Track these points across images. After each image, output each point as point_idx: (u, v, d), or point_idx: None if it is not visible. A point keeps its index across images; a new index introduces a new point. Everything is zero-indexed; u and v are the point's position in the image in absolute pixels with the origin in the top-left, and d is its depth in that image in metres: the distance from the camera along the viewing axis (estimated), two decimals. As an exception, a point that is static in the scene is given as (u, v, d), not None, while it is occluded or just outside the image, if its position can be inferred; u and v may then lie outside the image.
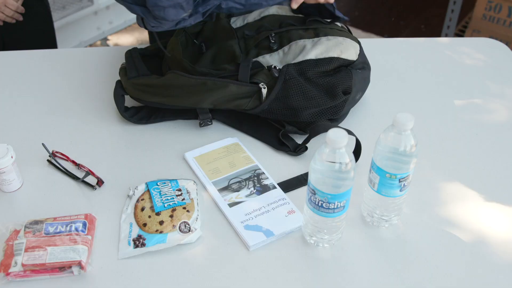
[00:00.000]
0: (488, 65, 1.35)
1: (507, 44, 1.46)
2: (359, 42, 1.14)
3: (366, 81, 1.15)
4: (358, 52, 1.11)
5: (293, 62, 1.07)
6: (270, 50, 1.10)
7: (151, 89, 1.07)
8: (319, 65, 1.07)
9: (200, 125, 1.11)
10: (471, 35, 2.71)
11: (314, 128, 1.05)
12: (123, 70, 1.12)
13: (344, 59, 1.08)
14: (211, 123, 1.11)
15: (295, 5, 1.09)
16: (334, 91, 1.06)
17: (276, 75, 1.05)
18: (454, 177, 1.03)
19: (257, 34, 1.14)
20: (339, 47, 1.09)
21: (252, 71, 1.06)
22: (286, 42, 1.10)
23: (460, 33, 2.89)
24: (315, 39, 1.10)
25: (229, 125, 1.13)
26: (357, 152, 1.03)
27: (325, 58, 1.07)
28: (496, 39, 1.48)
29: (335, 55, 1.08)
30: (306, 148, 1.06)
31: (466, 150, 1.09)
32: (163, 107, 1.10)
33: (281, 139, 1.08)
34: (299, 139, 1.08)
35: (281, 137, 1.08)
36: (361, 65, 1.12)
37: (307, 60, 1.07)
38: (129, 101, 1.13)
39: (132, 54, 1.15)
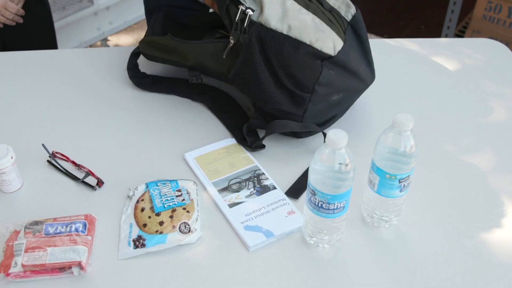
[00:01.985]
0: (488, 65, 1.35)
1: (507, 44, 1.46)
2: (346, 38, 1.03)
3: (350, 82, 1.05)
4: (339, 49, 0.99)
5: (264, 24, 0.99)
6: None
7: (154, 45, 1.17)
8: (284, 43, 0.98)
9: (190, 80, 1.17)
10: (471, 36, 2.71)
11: (271, 124, 1.04)
12: (147, 34, 1.25)
13: (315, 49, 0.98)
14: (201, 80, 1.16)
15: None
16: (289, 84, 1.00)
17: (241, 40, 1.01)
18: (454, 177, 1.03)
19: None
20: (318, 34, 0.98)
21: (228, 3, 1.03)
22: None
23: (460, 34, 2.90)
24: (303, 10, 1.01)
25: (209, 108, 1.18)
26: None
27: (294, 39, 0.98)
28: (496, 39, 1.48)
29: (307, 41, 0.98)
30: (263, 146, 1.06)
31: (466, 151, 1.09)
32: (161, 62, 1.19)
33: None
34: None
35: (244, 130, 1.07)
36: (341, 69, 1.01)
37: (276, 31, 0.98)
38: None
39: (157, 16, 1.27)
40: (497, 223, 0.94)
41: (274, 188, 0.98)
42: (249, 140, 1.06)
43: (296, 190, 0.99)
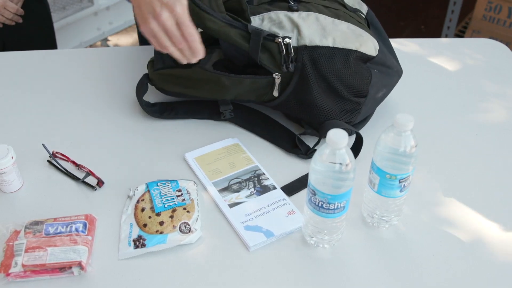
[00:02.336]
0: (488, 65, 1.35)
1: (507, 44, 1.46)
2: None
3: (389, 77, 1.09)
4: (378, 48, 1.04)
5: (309, 44, 1.00)
6: (288, 9, 1.04)
7: (174, 79, 1.09)
8: (335, 56, 1.00)
9: (222, 116, 1.11)
10: (471, 36, 2.71)
11: (323, 127, 1.03)
12: (151, 63, 1.13)
13: (362, 53, 1.01)
14: (233, 115, 1.11)
15: None
16: (347, 94, 1.02)
17: (291, 69, 1.00)
18: (455, 178, 1.03)
19: None
20: (359, 39, 1.01)
21: (263, 42, 1.00)
22: (305, 9, 1.04)
23: (460, 34, 2.89)
24: (336, 20, 1.03)
25: (241, 126, 1.12)
26: (356, 148, 1.02)
27: (342, 48, 1.00)
28: (496, 39, 1.48)
29: (353, 48, 1.01)
30: (314, 150, 1.05)
31: (467, 151, 1.09)
32: (185, 98, 1.12)
33: (293, 141, 1.06)
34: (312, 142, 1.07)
35: (297, 140, 1.06)
36: (381, 67, 1.05)
37: (324, 46, 1.00)
38: (151, 97, 1.16)
39: None
40: (498, 223, 0.94)
41: (274, 188, 0.98)
42: (303, 148, 1.06)
43: (291, 187, 0.99)
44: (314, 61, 1.01)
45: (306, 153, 1.05)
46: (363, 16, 1.12)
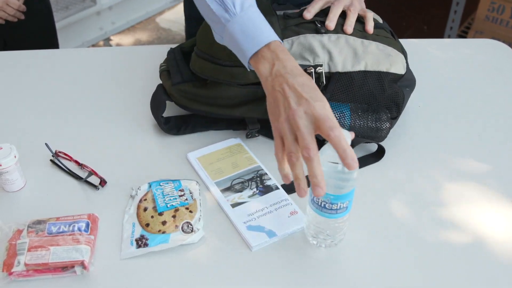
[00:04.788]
0: (491, 66, 1.35)
1: (510, 45, 1.46)
2: (404, 52, 1.07)
3: (411, 90, 1.08)
4: (406, 65, 1.04)
5: (342, 71, 0.99)
6: (316, 32, 1.00)
7: (200, 98, 1.03)
8: (368, 80, 0.99)
9: (247, 136, 1.08)
10: (474, 36, 2.71)
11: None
12: (165, 73, 1.07)
13: (393, 74, 1.01)
14: (258, 135, 1.09)
15: (308, 15, 1.02)
16: (381, 116, 1.01)
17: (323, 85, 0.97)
18: (455, 178, 1.03)
19: (299, 17, 1.04)
20: (389, 60, 1.01)
21: None
22: (333, 32, 1.01)
23: (462, 34, 2.89)
24: (365, 41, 1.01)
25: (265, 135, 1.09)
26: (377, 156, 1.03)
27: (374, 71, 1.00)
28: (499, 40, 1.48)
29: (384, 69, 1.00)
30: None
31: (468, 152, 1.09)
32: (210, 115, 1.05)
33: None
34: None
35: None
36: (408, 82, 1.05)
37: (358, 72, 0.99)
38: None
39: (176, 55, 1.09)
40: (498, 224, 0.94)
41: (277, 188, 0.98)
42: None
43: (292, 186, 0.98)
44: (346, 87, 0.99)
45: None
46: (383, 27, 1.09)
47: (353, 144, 0.97)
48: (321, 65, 0.98)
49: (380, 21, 1.13)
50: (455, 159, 1.07)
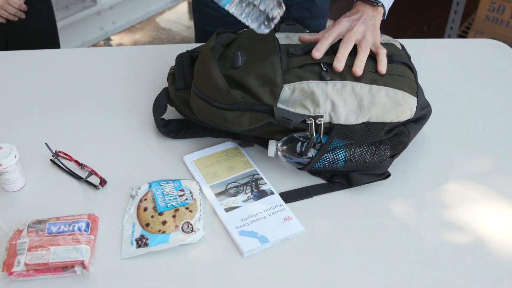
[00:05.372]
0: (491, 66, 1.35)
1: (510, 45, 1.46)
2: (418, 85, 1.00)
3: (424, 119, 1.04)
4: (414, 111, 0.97)
5: (344, 123, 0.94)
6: (320, 78, 0.94)
7: (207, 107, 0.98)
8: (370, 132, 0.94)
9: (241, 145, 1.06)
10: (474, 36, 2.71)
11: (351, 181, 0.98)
12: (171, 77, 1.06)
13: (398, 123, 0.96)
14: (253, 145, 1.07)
15: (318, 55, 0.97)
16: (382, 155, 0.96)
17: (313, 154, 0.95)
18: (455, 178, 1.03)
19: (304, 54, 0.99)
20: (397, 109, 0.95)
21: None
22: (339, 77, 0.95)
23: (463, 34, 2.89)
24: (374, 88, 0.94)
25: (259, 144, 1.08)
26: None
27: (379, 123, 0.95)
28: (499, 40, 1.48)
29: (389, 120, 0.95)
30: None
31: (468, 152, 1.09)
32: (208, 126, 1.02)
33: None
34: None
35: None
36: (418, 117, 1.00)
37: (360, 124, 0.94)
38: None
39: (184, 61, 1.07)
40: (499, 224, 0.94)
41: (272, 193, 0.97)
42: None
43: (290, 195, 0.97)
44: (347, 137, 0.95)
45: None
46: (399, 59, 1.02)
47: (357, 183, 0.97)
48: (321, 116, 0.93)
49: (398, 45, 1.07)
50: (455, 159, 1.07)
